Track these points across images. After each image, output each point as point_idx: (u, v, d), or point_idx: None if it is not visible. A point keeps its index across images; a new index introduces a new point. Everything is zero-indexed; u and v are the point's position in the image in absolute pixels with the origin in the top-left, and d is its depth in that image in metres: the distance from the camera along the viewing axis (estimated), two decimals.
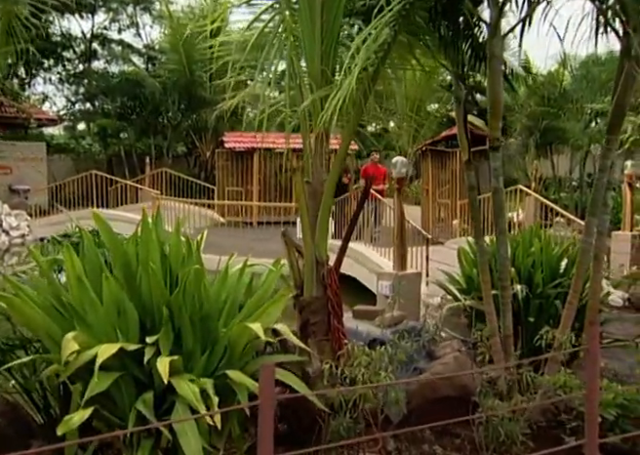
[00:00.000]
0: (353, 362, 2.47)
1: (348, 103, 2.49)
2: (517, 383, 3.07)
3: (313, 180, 2.95)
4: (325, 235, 2.97)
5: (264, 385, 1.89)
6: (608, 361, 4.88)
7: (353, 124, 2.78)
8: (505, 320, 3.15)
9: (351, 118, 2.76)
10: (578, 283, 3.32)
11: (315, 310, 2.99)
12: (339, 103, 2.24)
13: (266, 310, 2.55)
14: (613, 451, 2.96)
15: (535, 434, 3.26)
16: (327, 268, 2.98)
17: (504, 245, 3.08)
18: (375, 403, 2.43)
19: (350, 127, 2.79)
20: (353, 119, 2.77)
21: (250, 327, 2.10)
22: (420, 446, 3.16)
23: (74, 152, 17.64)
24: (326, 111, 2.28)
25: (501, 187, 3.03)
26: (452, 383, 3.25)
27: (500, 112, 2.96)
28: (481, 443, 2.97)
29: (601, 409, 2.88)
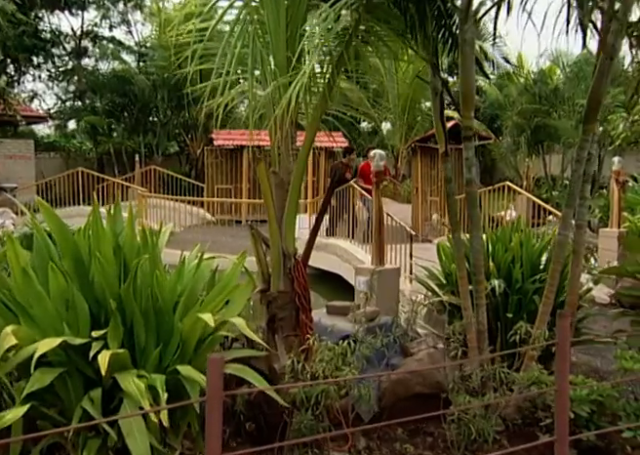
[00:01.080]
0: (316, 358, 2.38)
1: (311, 90, 2.40)
2: (490, 379, 2.99)
3: (280, 170, 2.86)
4: (292, 227, 2.89)
5: (212, 379, 1.80)
6: (591, 358, 4.83)
7: (319, 112, 2.69)
8: (479, 315, 3.07)
9: (317, 107, 2.67)
10: (554, 277, 3.24)
11: (282, 304, 2.90)
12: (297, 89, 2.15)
13: (227, 304, 2.46)
14: (588, 449, 2.89)
15: (510, 431, 3.19)
16: (294, 262, 2.89)
17: (478, 238, 3.00)
18: (336, 399, 2.34)
19: (316, 115, 2.70)
20: (318, 107, 2.68)
21: (202, 319, 2.01)
22: (391, 445, 3.08)
23: (64, 151, 17.51)
24: (285, 97, 2.19)
25: (474, 179, 2.95)
26: (424, 380, 3.17)
27: (473, 101, 2.87)
28: (453, 441, 2.89)
29: (575, 405, 2.81)
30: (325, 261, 7.72)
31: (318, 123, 2.71)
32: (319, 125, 2.73)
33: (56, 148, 17.76)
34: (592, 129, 3.09)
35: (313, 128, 2.70)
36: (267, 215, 2.80)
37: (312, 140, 2.72)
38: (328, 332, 3.41)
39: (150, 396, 1.99)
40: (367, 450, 3.02)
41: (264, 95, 2.46)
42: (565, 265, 3.35)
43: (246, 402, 2.90)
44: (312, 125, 2.71)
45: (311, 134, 2.70)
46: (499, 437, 3.11)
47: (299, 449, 2.52)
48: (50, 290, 2.08)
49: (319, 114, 2.70)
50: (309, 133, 2.70)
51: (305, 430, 2.34)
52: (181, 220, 11.88)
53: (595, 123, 3.09)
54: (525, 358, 3.12)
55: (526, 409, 3.29)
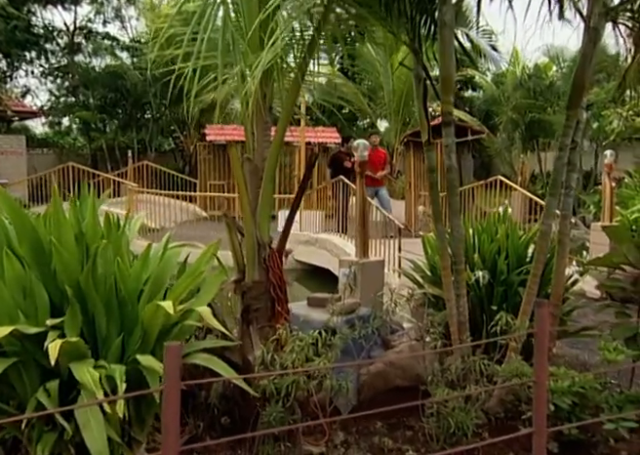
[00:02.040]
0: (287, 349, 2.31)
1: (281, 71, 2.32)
2: (471, 372, 2.92)
3: (255, 156, 2.78)
4: (268, 215, 2.81)
5: (169, 367, 1.72)
6: (579, 352, 4.77)
7: (292, 96, 2.61)
8: (460, 306, 3.00)
9: (290, 90, 2.59)
10: (537, 268, 3.17)
11: (257, 295, 2.83)
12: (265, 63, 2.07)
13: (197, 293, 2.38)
14: (569, 442, 2.82)
15: (492, 425, 3.12)
16: (269, 251, 2.81)
17: (458, 227, 2.92)
18: (305, 390, 2.27)
19: (290, 99, 2.61)
20: (292, 91, 2.59)
21: (162, 307, 1.93)
22: (370, 439, 3.01)
23: (57, 147, 17.41)
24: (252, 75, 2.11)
25: (454, 165, 2.87)
26: (404, 372, 3.10)
27: (452, 85, 2.80)
28: (432, 435, 2.82)
29: (556, 398, 2.74)
30: (316, 256, 7.65)
31: (292, 107, 2.63)
32: (293, 109, 2.64)
33: (49, 145, 17.66)
34: (576, 115, 3.01)
35: (287, 112, 2.62)
36: (241, 203, 2.72)
37: (286, 124, 2.63)
38: (306, 324, 3.35)
39: (109, 387, 1.91)
40: (345, 444, 2.95)
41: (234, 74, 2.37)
42: (551, 256, 3.28)
43: (220, 396, 2.83)
44: (286, 109, 2.62)
45: (285, 118, 2.62)
46: (480, 431, 3.04)
47: (269, 443, 2.44)
48: (5, 277, 2.00)
49: (293, 98, 2.62)
50: (283, 117, 2.62)
51: (275, 422, 2.27)
52: (174, 216, 11.79)
53: (578, 109, 3.01)
54: (506, 350, 3.05)
55: (509, 402, 3.22)
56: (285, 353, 2.30)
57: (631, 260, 3.07)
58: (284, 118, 2.60)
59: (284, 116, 2.60)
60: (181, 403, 3.06)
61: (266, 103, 2.68)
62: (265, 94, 2.66)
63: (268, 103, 2.70)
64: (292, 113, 2.65)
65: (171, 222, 11.53)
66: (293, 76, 2.58)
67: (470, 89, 18.74)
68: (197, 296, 2.41)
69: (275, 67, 2.39)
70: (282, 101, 2.68)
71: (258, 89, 2.52)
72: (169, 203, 11.93)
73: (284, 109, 2.62)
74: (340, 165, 9.09)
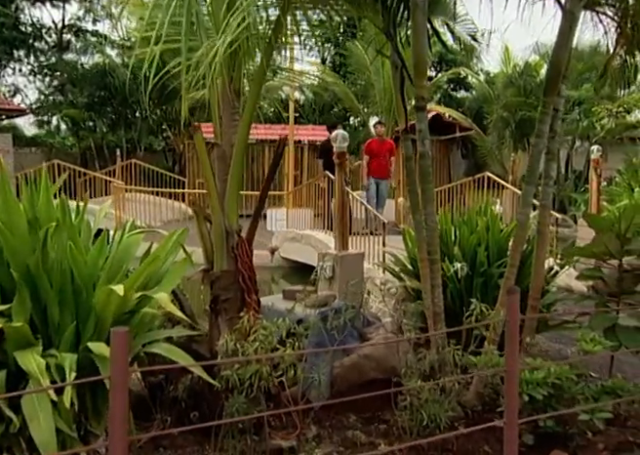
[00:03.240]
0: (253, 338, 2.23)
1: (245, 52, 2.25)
2: (447, 363, 2.85)
3: (222, 141, 2.70)
4: (235, 202, 2.73)
5: (116, 353, 1.64)
6: (562, 346, 4.71)
7: (259, 78, 2.53)
8: (435, 297, 2.93)
9: (257, 72, 2.51)
10: (515, 258, 3.11)
11: (226, 285, 2.75)
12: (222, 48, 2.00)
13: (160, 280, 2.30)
14: (545, 434, 2.76)
15: (470, 418, 3.06)
16: (238, 240, 2.74)
17: (432, 215, 2.86)
18: (267, 380, 2.19)
19: (257, 80, 2.53)
20: (258, 72, 2.52)
21: (116, 292, 1.85)
22: (343, 433, 2.94)
23: (46, 146, 17.24)
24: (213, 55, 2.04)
25: (428, 152, 2.80)
26: (379, 365, 3.04)
27: (426, 70, 2.73)
28: (405, 428, 2.75)
29: (531, 389, 2.68)
30: (301, 252, 7.57)
31: (259, 90, 2.55)
32: (260, 92, 2.57)
33: (38, 144, 17.48)
34: (552, 101, 2.96)
35: (254, 95, 2.54)
36: (207, 190, 2.64)
37: (253, 108, 2.56)
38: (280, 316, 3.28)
39: (59, 377, 1.83)
40: (317, 438, 2.88)
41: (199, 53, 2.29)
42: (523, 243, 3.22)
43: (188, 389, 2.75)
44: (253, 91, 2.54)
45: (252, 100, 2.54)
46: (457, 424, 2.98)
47: (235, 436, 2.37)
48: None
49: (260, 80, 2.53)
50: (250, 101, 2.54)
51: (238, 414, 2.19)
52: (162, 214, 11.68)
53: (555, 96, 2.96)
54: (483, 342, 2.98)
55: (487, 395, 3.16)
56: (248, 343, 2.22)
57: (612, 250, 3.02)
58: (251, 102, 2.53)
59: (251, 100, 2.53)
60: (150, 398, 3.00)
61: (234, 86, 2.60)
62: (232, 77, 2.58)
63: (235, 87, 2.63)
64: (259, 97, 2.58)
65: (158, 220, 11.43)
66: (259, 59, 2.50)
67: (463, 89, 18.77)
68: (160, 283, 2.33)
69: (241, 48, 2.31)
70: (249, 83, 2.60)
71: (224, 72, 2.44)
72: (157, 201, 11.83)
73: (251, 93, 2.55)
74: (331, 155, 8.92)
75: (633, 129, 12.74)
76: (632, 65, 4.26)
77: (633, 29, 4.21)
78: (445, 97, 19.14)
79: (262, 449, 2.48)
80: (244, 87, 2.68)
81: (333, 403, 3.00)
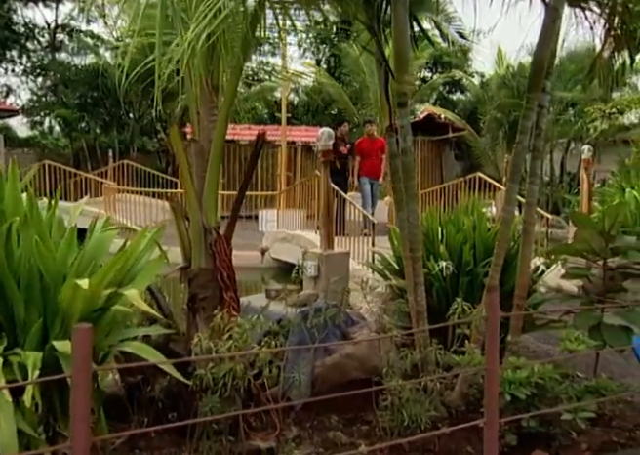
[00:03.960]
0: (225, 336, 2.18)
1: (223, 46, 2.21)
2: (430, 363, 2.81)
3: (201, 137, 2.65)
4: (214, 199, 2.68)
5: (78, 351, 1.58)
6: (550, 347, 4.68)
7: (237, 71, 2.48)
8: (417, 295, 2.89)
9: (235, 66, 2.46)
10: (499, 256, 3.07)
11: (204, 283, 2.70)
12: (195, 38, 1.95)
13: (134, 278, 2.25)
14: (529, 434, 2.72)
15: (454, 418, 3.01)
16: (216, 237, 2.69)
17: (414, 212, 2.81)
18: (243, 379, 2.14)
19: (234, 74, 2.49)
20: (236, 66, 2.47)
21: (81, 287, 1.80)
22: (324, 434, 2.89)
23: (39, 147, 17.14)
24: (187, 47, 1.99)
25: (410, 148, 2.77)
26: (361, 364, 2.99)
27: (407, 65, 2.70)
28: (386, 428, 2.70)
29: (514, 388, 2.64)
30: (291, 253, 7.52)
31: (237, 85, 2.50)
32: (237, 87, 2.52)
33: (31, 145, 17.38)
34: (536, 97, 2.93)
35: (231, 90, 2.49)
36: (184, 187, 2.59)
37: (231, 101, 2.51)
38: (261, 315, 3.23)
39: (21, 376, 1.78)
40: (297, 439, 2.83)
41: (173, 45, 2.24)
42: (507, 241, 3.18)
43: (165, 390, 2.70)
44: (230, 86, 2.49)
45: (230, 96, 2.49)
46: (440, 424, 2.94)
47: (211, 438, 2.31)
48: None
49: (237, 75, 2.49)
50: (228, 95, 2.49)
51: (212, 415, 2.14)
52: (153, 215, 11.61)
53: (539, 91, 2.93)
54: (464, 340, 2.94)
55: (471, 395, 3.12)
56: (222, 341, 2.17)
57: (594, 247, 2.98)
58: (228, 98, 2.48)
59: (228, 95, 2.48)
60: (127, 398, 2.93)
61: (212, 81, 2.56)
62: (211, 72, 2.54)
63: (214, 82, 2.58)
64: (236, 92, 2.53)
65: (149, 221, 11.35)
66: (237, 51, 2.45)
67: (459, 91, 18.80)
68: (133, 281, 2.28)
69: (220, 41, 2.26)
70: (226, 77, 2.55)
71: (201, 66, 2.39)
72: (148, 202, 11.75)
73: (228, 88, 2.50)
74: (336, 151, 8.11)
75: (626, 130, 12.77)
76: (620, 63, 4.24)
77: (622, 26, 4.19)
78: (441, 98, 19.19)
79: (239, 450, 2.43)
80: (224, 82, 2.63)
81: (314, 404, 2.95)
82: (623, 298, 3.05)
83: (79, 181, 12.69)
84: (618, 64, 4.25)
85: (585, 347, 2.80)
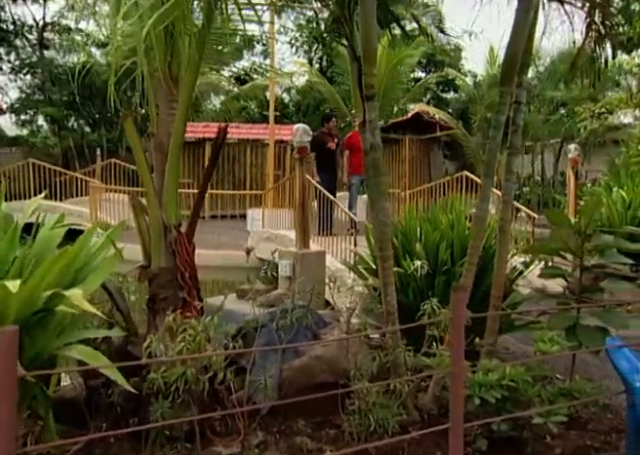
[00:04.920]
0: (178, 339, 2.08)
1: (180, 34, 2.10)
2: (398, 365, 2.72)
3: (159, 131, 2.55)
4: (174, 195, 2.58)
5: (2, 355, 1.49)
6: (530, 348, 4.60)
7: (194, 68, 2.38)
8: (387, 295, 2.80)
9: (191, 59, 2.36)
10: (473, 255, 2.99)
11: (164, 283, 2.60)
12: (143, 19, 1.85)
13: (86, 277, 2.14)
14: (500, 439, 2.63)
15: (425, 422, 2.92)
16: (177, 235, 2.59)
17: (383, 210, 2.72)
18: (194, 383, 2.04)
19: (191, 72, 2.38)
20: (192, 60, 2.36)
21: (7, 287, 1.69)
22: (291, 439, 2.79)
23: (27, 145, 16.95)
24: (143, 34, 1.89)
25: (378, 143, 2.67)
26: (330, 367, 2.89)
27: (375, 57, 2.61)
28: (353, 433, 2.61)
29: (484, 391, 2.55)
30: None
31: (196, 75, 2.40)
32: (197, 77, 2.41)
33: (19, 144, 17.19)
34: (510, 91, 2.85)
35: (190, 81, 2.39)
36: (143, 182, 2.49)
37: (190, 93, 2.41)
38: (230, 316, 3.13)
39: None
40: (262, 445, 2.73)
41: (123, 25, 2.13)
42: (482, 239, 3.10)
43: (125, 394, 2.59)
44: (189, 77, 2.39)
45: (188, 87, 2.39)
46: (411, 429, 2.84)
47: (164, 445, 2.21)
48: None
49: (195, 65, 2.38)
50: (186, 86, 2.39)
51: (163, 421, 2.04)
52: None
53: (513, 85, 2.85)
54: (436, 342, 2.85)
55: (444, 398, 3.03)
56: (174, 344, 2.07)
57: (570, 246, 2.90)
58: (186, 89, 2.38)
59: (186, 87, 2.38)
60: (87, 403, 2.82)
61: (171, 72, 2.46)
62: (170, 62, 2.44)
63: (174, 73, 2.48)
64: (195, 82, 2.42)
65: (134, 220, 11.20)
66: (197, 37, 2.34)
67: (452, 91, 18.76)
68: (85, 281, 2.17)
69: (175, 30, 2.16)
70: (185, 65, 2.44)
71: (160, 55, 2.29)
72: None
73: (186, 79, 2.39)
74: (324, 148, 7.91)
75: (615, 130, 12.76)
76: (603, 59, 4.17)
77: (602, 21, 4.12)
78: (434, 98, 19.14)
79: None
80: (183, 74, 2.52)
81: (281, 408, 2.85)
82: (600, 298, 2.97)
83: (66, 180, 12.54)
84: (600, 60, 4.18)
85: (559, 348, 2.71)
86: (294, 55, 19.46)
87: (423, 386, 3.10)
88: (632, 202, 6.84)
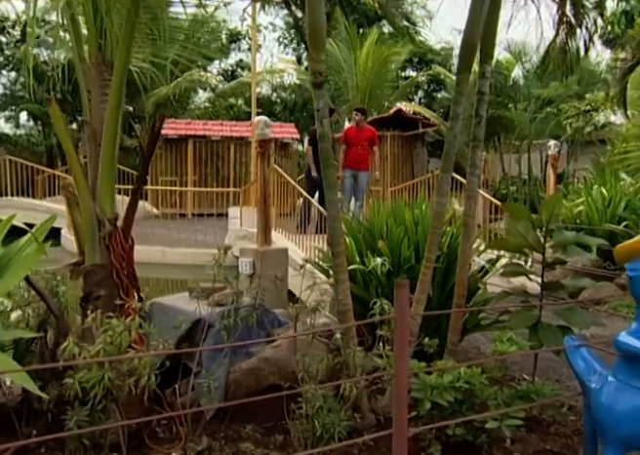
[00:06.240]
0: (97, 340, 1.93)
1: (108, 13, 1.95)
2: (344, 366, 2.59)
3: (92, 118, 2.40)
4: (110, 187, 2.43)
5: None
6: None
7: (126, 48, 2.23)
8: (339, 294, 2.66)
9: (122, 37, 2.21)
10: (431, 251, 2.86)
11: (98, 280, 2.45)
12: None
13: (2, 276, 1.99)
14: (455, 443, 2.50)
15: (382, 426, 2.79)
16: (112, 229, 2.44)
17: (334, 203, 2.59)
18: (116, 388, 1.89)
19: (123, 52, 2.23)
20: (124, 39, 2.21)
21: None
22: (237, 445, 2.64)
23: (10, 143, 16.70)
24: None
25: (327, 133, 2.54)
26: (280, 369, 2.75)
27: (322, 41, 2.46)
28: (300, 439, 2.47)
29: (436, 394, 2.42)
30: None
31: (128, 55, 2.24)
32: (129, 59, 2.26)
33: (2, 141, 16.93)
34: (467, 79, 2.72)
35: (122, 63, 2.23)
36: (72, 172, 2.34)
37: (122, 78, 2.25)
38: (180, 315, 2.99)
39: None
40: (207, 451, 2.58)
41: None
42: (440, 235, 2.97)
43: (55, 400, 2.44)
44: (121, 58, 2.23)
45: (120, 69, 2.23)
46: (366, 433, 2.71)
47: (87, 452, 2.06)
48: None
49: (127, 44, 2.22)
50: (118, 68, 2.23)
51: (79, 429, 1.89)
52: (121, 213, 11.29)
53: (470, 73, 2.72)
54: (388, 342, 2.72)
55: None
56: (93, 346, 1.92)
57: (530, 241, 2.77)
58: (119, 72, 2.23)
59: (119, 69, 2.22)
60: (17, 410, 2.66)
61: (103, 55, 2.31)
62: (101, 45, 2.28)
63: (106, 57, 2.33)
64: (127, 65, 2.27)
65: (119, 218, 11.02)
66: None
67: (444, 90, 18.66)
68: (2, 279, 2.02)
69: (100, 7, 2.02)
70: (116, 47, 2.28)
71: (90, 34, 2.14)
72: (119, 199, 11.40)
73: (118, 60, 2.24)
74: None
75: (602, 129, 12.71)
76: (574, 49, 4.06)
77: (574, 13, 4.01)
78: (426, 96, 19.03)
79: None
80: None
81: (227, 412, 2.71)
82: (562, 295, 2.85)
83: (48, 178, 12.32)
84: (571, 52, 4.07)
85: (517, 348, 2.59)
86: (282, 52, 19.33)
87: (381, 388, 2.97)
88: (612, 200, 6.76)
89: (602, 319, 4.79)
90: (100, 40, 2.29)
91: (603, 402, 2.06)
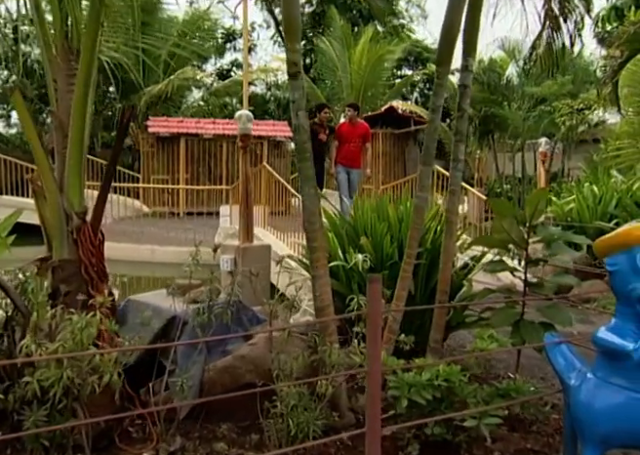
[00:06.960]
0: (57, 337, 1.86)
1: None
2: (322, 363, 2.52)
3: (59, 109, 2.33)
4: (77, 179, 2.36)
5: None
6: None
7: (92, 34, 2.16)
8: (316, 291, 2.60)
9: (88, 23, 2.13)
10: (412, 247, 2.81)
11: (67, 276, 2.38)
12: None
13: None
14: (434, 442, 2.44)
15: (361, 424, 2.73)
16: (80, 223, 2.37)
17: (310, 197, 2.52)
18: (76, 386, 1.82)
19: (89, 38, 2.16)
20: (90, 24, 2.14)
21: None
22: (212, 445, 2.58)
23: (2, 141, 16.57)
24: None
25: (303, 125, 2.47)
26: (256, 367, 2.68)
27: (298, 31, 2.40)
28: (274, 438, 2.41)
29: (413, 392, 2.36)
30: None
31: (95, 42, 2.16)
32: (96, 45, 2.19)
33: None
34: (447, 72, 2.67)
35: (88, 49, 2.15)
36: (37, 165, 2.27)
37: (89, 66, 2.18)
38: (156, 313, 2.92)
39: None
40: (180, 452, 2.52)
41: None
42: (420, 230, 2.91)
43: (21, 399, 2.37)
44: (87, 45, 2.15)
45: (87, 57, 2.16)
46: (345, 432, 2.65)
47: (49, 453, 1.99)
48: None
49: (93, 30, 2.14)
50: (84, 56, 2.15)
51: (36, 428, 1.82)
52: (114, 211, 11.21)
53: (450, 65, 2.67)
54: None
55: (383, 399, 2.84)
56: (53, 343, 1.85)
57: (514, 237, 2.72)
58: (85, 60, 2.15)
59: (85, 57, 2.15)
60: None
61: (70, 43, 2.23)
62: (67, 32, 2.21)
63: (73, 44, 2.25)
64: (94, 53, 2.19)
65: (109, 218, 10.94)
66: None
67: None
68: None
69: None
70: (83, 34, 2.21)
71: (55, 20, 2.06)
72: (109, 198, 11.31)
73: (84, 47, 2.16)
74: (315, 138, 7.34)
75: (595, 127, 12.69)
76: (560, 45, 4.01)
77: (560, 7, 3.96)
78: (422, 95, 18.97)
79: None
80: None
81: (201, 412, 2.65)
82: (545, 292, 2.79)
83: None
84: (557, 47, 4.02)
85: (498, 345, 2.53)
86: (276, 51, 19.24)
87: (360, 386, 2.91)
88: (603, 198, 6.72)
89: (591, 317, 4.74)
90: (66, 27, 2.22)
91: (582, 400, 2.01)
